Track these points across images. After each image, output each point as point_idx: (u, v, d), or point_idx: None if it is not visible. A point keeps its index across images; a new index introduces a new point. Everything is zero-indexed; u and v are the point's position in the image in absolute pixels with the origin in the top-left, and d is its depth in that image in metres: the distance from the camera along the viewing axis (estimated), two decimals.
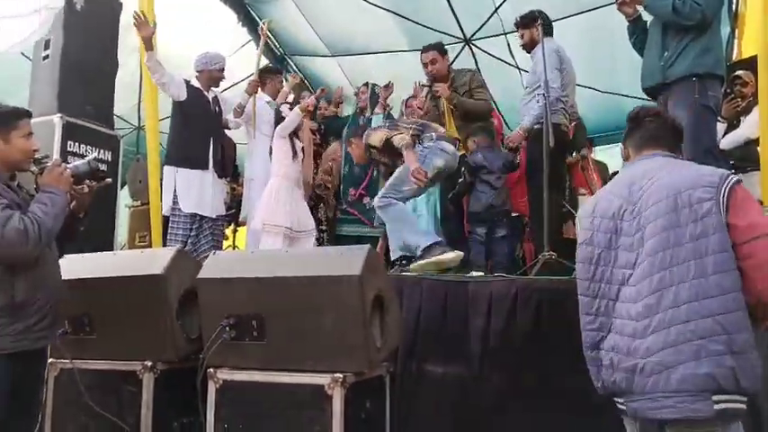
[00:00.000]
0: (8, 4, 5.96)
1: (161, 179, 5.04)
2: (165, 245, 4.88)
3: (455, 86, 4.79)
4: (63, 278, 2.83)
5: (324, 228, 5.96)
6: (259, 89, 5.48)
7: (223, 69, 5.14)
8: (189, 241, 4.84)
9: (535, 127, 4.28)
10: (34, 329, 2.58)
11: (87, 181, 2.82)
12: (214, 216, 5.02)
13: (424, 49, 4.96)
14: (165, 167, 4.97)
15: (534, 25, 4.38)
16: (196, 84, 5.06)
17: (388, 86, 5.69)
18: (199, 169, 4.90)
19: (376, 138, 4.35)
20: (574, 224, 3.16)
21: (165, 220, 5.00)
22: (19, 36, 5.57)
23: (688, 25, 3.47)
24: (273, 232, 4.85)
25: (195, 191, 4.87)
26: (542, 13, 4.53)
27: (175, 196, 4.84)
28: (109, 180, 2.98)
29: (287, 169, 5.05)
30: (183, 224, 4.84)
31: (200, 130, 4.97)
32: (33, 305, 2.57)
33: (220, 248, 5.20)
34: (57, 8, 5.13)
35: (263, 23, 5.90)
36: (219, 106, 5.20)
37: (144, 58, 4.79)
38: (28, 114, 2.68)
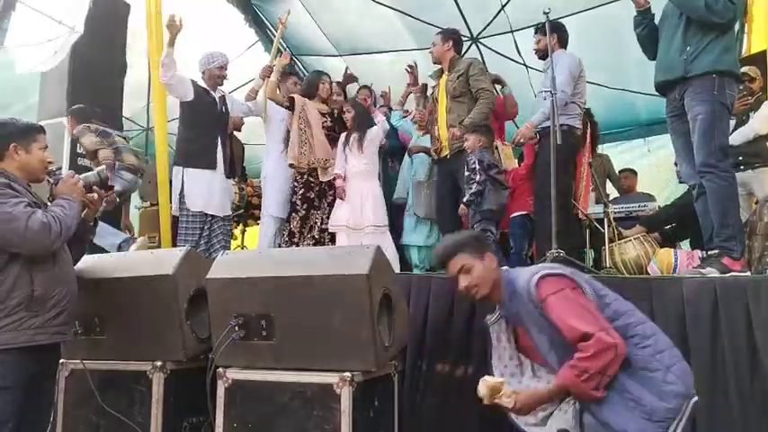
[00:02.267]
0: (29, 31, 6.01)
1: (170, 180, 5.06)
2: (175, 245, 4.90)
3: (452, 72, 4.83)
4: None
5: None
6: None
7: (223, 67, 5.09)
8: (202, 241, 4.85)
9: (545, 126, 4.29)
10: (51, 324, 2.67)
11: (95, 188, 2.98)
12: (222, 215, 5.03)
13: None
14: (174, 168, 4.98)
15: (553, 34, 4.38)
16: (203, 84, 5.06)
17: (385, 95, 5.74)
18: (207, 169, 4.91)
19: (88, 141, 4.91)
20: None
21: (176, 220, 5.01)
22: (39, 58, 5.63)
23: (717, 23, 3.41)
24: (338, 231, 4.98)
25: (203, 190, 4.86)
26: (562, 25, 4.66)
27: (183, 196, 4.85)
28: (116, 188, 3.09)
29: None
30: (192, 224, 4.83)
31: (206, 130, 4.96)
32: (51, 300, 2.66)
33: (229, 248, 5.21)
34: (78, 33, 5.17)
35: (285, 14, 5.84)
36: (226, 106, 5.18)
37: (162, 54, 4.70)
38: (44, 130, 2.88)
